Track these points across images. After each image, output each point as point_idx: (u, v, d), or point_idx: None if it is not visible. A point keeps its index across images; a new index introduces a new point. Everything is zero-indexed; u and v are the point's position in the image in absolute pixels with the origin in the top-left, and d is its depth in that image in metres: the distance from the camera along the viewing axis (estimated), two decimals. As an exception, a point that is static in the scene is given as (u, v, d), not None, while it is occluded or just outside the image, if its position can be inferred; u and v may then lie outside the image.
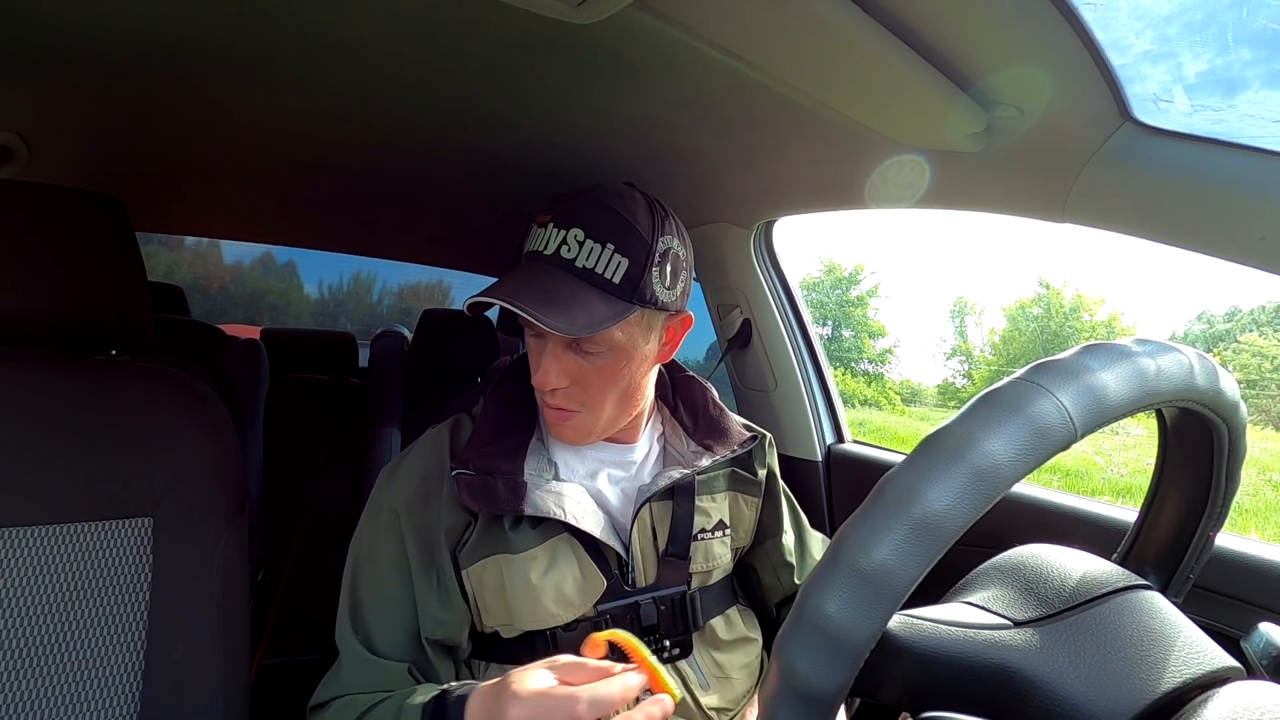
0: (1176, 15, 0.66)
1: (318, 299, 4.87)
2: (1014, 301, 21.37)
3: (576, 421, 0.73)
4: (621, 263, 0.67)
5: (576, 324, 0.64)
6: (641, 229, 0.69)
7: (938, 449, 0.32)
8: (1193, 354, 0.37)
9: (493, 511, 0.70)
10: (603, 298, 0.67)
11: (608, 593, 0.73)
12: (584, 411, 0.73)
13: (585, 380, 0.71)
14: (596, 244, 0.67)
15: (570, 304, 0.65)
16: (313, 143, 1.13)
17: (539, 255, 0.68)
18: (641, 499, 0.75)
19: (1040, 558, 0.44)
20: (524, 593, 0.70)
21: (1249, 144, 0.59)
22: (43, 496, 0.68)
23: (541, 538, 0.72)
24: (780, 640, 0.33)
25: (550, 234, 0.68)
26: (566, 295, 0.65)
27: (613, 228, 0.67)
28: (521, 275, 0.67)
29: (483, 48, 0.78)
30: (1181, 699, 0.35)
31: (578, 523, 0.70)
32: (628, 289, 0.68)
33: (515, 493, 0.70)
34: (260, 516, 1.66)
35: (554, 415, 0.73)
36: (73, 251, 0.72)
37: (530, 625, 0.71)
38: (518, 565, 0.70)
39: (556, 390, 0.70)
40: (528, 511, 0.69)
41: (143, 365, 0.78)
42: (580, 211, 0.68)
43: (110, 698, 0.68)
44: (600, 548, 0.73)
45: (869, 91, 0.70)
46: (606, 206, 0.68)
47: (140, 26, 0.78)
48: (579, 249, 0.67)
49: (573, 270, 0.67)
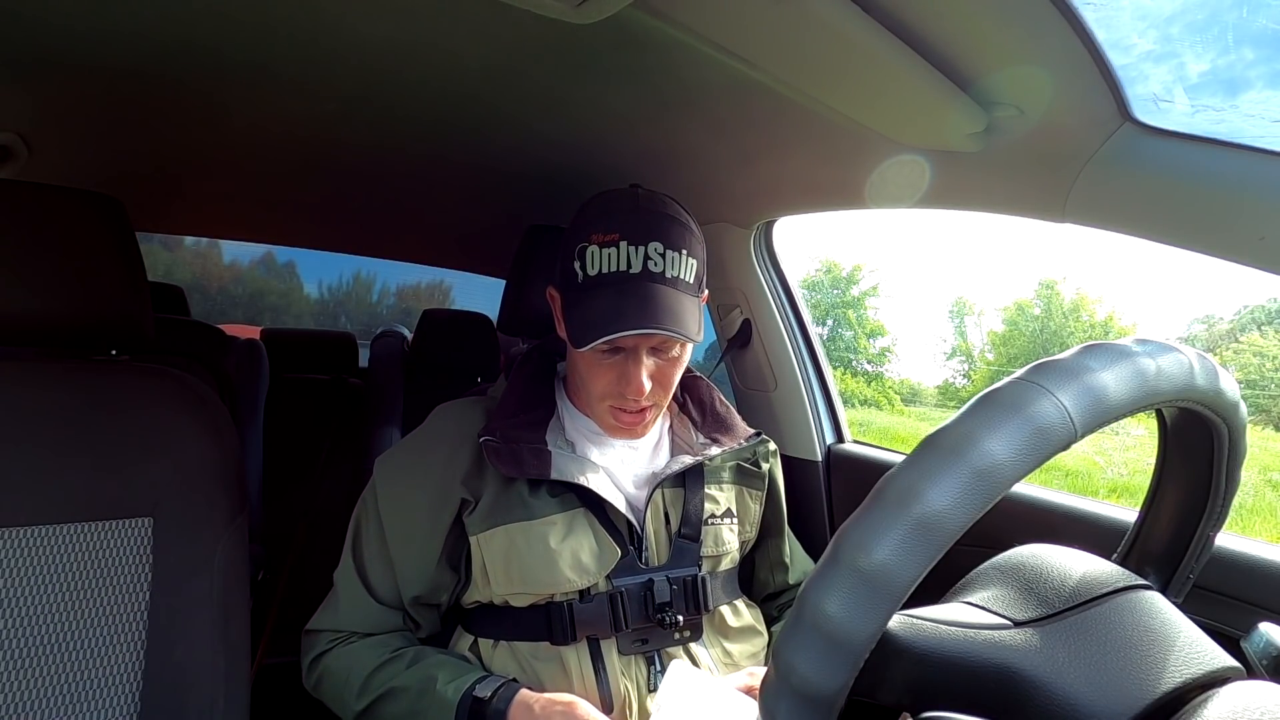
0: (1179, 15, 0.66)
1: (318, 299, 4.87)
2: (1013, 301, 21.40)
3: (649, 418, 0.78)
4: (693, 264, 0.74)
5: (693, 330, 0.71)
6: (694, 229, 0.75)
7: (938, 449, 0.32)
8: (1193, 354, 0.37)
9: (521, 475, 0.73)
10: (689, 299, 0.73)
11: (622, 567, 0.75)
12: (657, 406, 0.78)
13: (663, 378, 0.75)
14: (675, 253, 0.71)
15: (679, 312, 0.70)
16: (313, 143, 1.13)
17: (626, 275, 0.71)
18: (656, 482, 0.79)
19: (1040, 558, 0.44)
20: (541, 557, 0.72)
21: (1249, 144, 0.59)
22: (43, 496, 0.68)
23: (560, 507, 0.75)
24: (780, 640, 0.33)
25: (627, 252, 0.70)
26: (672, 305, 0.70)
27: (680, 235, 0.73)
28: (625, 297, 0.70)
29: (483, 48, 0.79)
30: (1181, 699, 0.35)
31: (599, 491, 0.74)
32: (698, 285, 0.75)
33: (542, 459, 0.74)
34: (260, 516, 1.65)
35: (631, 419, 0.77)
36: (73, 251, 0.72)
37: (545, 590, 0.73)
38: (536, 530, 0.73)
39: (642, 396, 0.74)
40: (553, 476, 0.73)
41: (143, 365, 0.78)
42: (650, 226, 0.72)
43: (110, 698, 0.68)
44: (615, 522, 0.76)
45: (869, 91, 0.70)
46: (668, 216, 0.73)
47: (141, 29, 0.78)
48: (663, 261, 0.71)
49: (664, 281, 0.71)
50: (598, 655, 0.73)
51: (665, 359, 0.74)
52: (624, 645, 0.74)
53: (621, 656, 0.73)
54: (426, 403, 0.97)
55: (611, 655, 0.73)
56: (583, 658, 0.72)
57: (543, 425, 0.79)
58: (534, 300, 1.02)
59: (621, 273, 0.70)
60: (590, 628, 0.73)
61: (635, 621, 0.74)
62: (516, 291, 1.04)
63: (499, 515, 0.73)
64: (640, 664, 0.74)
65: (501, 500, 0.74)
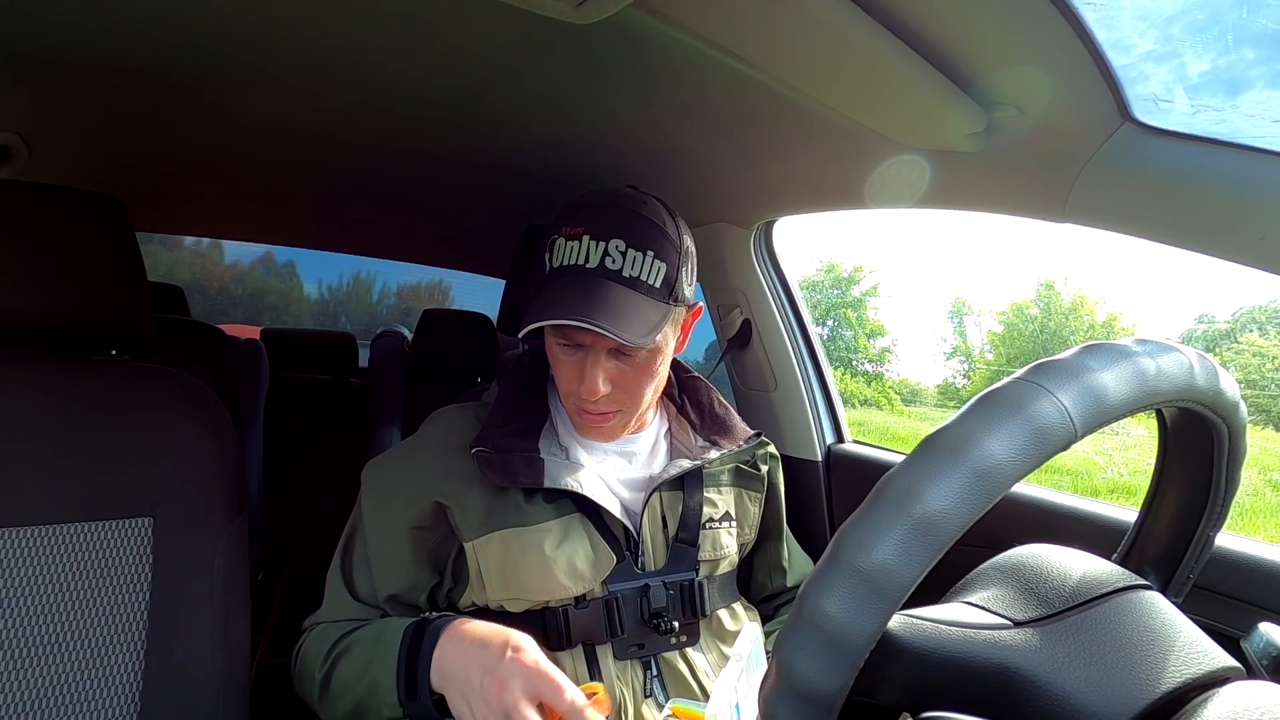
0: (1179, 15, 0.66)
1: (318, 299, 4.87)
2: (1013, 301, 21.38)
3: (614, 422, 0.76)
4: (661, 267, 0.71)
5: (638, 332, 0.68)
6: (670, 233, 0.73)
7: (938, 449, 0.32)
8: (1193, 354, 0.37)
9: (514, 485, 0.72)
10: (649, 303, 0.70)
11: (618, 573, 0.75)
12: (623, 411, 0.76)
13: (626, 383, 0.73)
14: (638, 252, 0.69)
15: (627, 313, 0.68)
16: (313, 143, 1.13)
17: (582, 269, 0.70)
18: (653, 486, 0.78)
19: (1040, 558, 0.44)
20: (537, 564, 0.72)
21: (1249, 144, 0.59)
22: (43, 496, 0.68)
23: (555, 513, 0.74)
24: (780, 640, 0.33)
25: (588, 246, 0.69)
26: (621, 305, 0.68)
27: (649, 235, 0.71)
28: (573, 289, 0.69)
29: (483, 48, 0.78)
30: (1181, 699, 0.35)
31: (594, 497, 0.73)
32: (666, 291, 0.72)
33: (534, 468, 0.73)
34: (260, 516, 1.66)
35: (592, 419, 0.76)
36: (73, 251, 0.72)
37: (540, 597, 0.73)
38: (531, 537, 0.72)
39: (600, 397, 0.72)
40: (547, 484, 0.72)
41: (143, 365, 0.78)
42: (616, 222, 0.70)
43: (110, 698, 0.68)
44: (611, 528, 0.76)
45: (869, 91, 0.70)
46: (639, 215, 0.71)
47: (141, 29, 0.78)
48: (622, 259, 0.69)
49: (620, 280, 0.69)
50: (593, 660, 0.73)
51: (629, 364, 0.72)
52: (620, 650, 0.73)
53: (617, 661, 0.73)
54: (426, 403, 0.98)
55: (607, 660, 0.73)
56: (578, 663, 0.72)
57: (535, 431, 0.78)
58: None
59: (578, 266, 0.70)
60: (586, 634, 0.73)
61: (631, 627, 0.74)
62: (516, 291, 1.04)
63: (494, 521, 0.73)
64: (636, 669, 0.74)
65: (496, 506, 0.73)
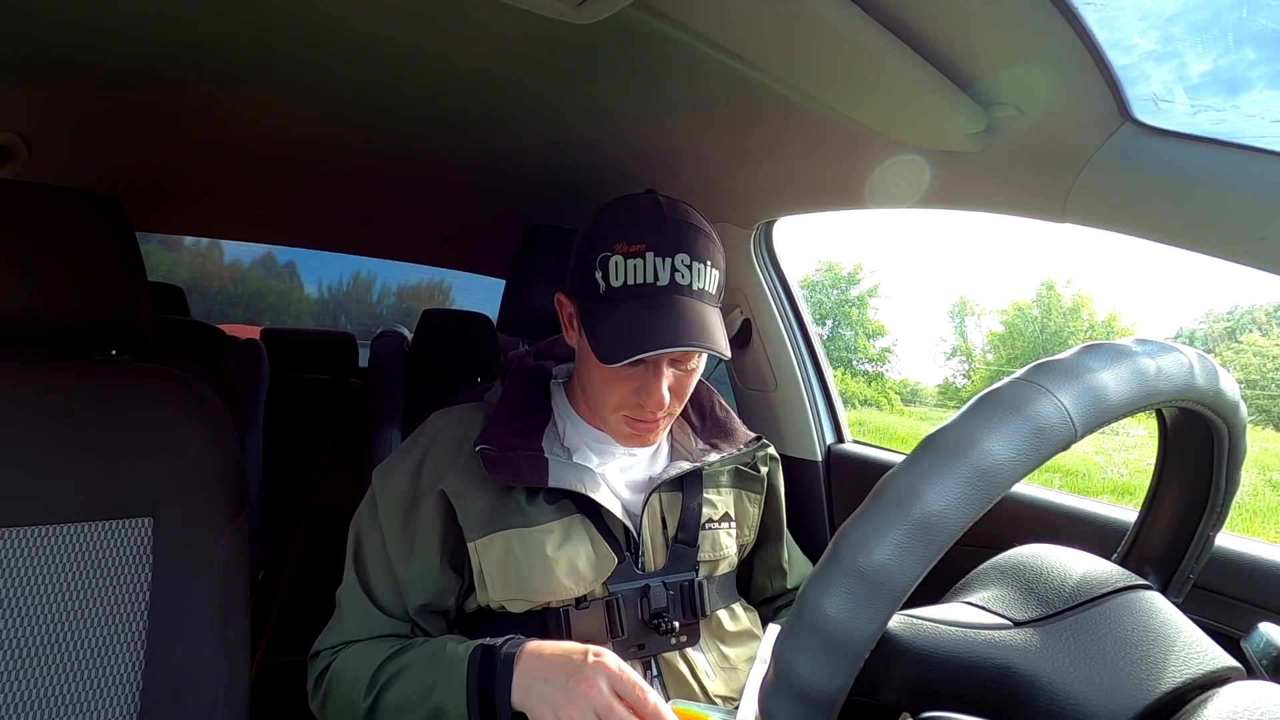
0: (1179, 15, 0.66)
1: (318, 299, 4.87)
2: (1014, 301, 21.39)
3: (663, 427, 0.77)
4: (716, 276, 0.72)
5: (722, 344, 0.69)
6: (715, 240, 0.73)
7: (938, 449, 0.32)
8: (1193, 354, 0.37)
9: (518, 484, 0.73)
10: (714, 312, 0.72)
11: (619, 573, 0.75)
12: (671, 416, 0.77)
13: (680, 390, 0.75)
14: (700, 265, 0.70)
15: (709, 326, 0.69)
16: (313, 143, 1.13)
17: (654, 288, 0.69)
18: (652, 487, 0.78)
19: (1040, 558, 0.44)
20: (539, 564, 0.72)
21: (1249, 144, 0.59)
22: (43, 496, 0.68)
23: (557, 514, 0.74)
24: (780, 640, 0.33)
25: (654, 264, 0.69)
26: (702, 319, 0.69)
27: (705, 246, 0.71)
28: (658, 312, 0.68)
29: (483, 48, 0.78)
30: (1181, 699, 0.35)
31: (597, 498, 0.73)
32: (719, 297, 0.73)
33: (539, 467, 0.73)
34: (260, 516, 1.66)
35: (646, 427, 0.75)
36: (73, 251, 0.72)
37: (541, 598, 0.73)
38: (533, 538, 0.73)
39: (662, 409, 0.73)
40: (551, 484, 0.72)
41: (143, 365, 0.78)
42: (674, 235, 0.70)
43: (110, 698, 0.68)
44: (611, 529, 0.76)
45: (869, 91, 0.70)
46: (692, 226, 0.72)
47: (142, 29, 0.78)
48: (689, 273, 0.69)
49: (691, 294, 0.70)
50: None
51: (684, 370, 0.74)
52: (620, 651, 0.73)
53: None
54: (426, 403, 0.97)
55: None
56: None
57: (539, 432, 0.78)
58: (534, 300, 1.02)
59: (649, 285, 0.69)
60: (587, 634, 0.73)
61: (632, 627, 0.74)
62: (516, 291, 1.04)
63: (497, 521, 0.73)
64: (637, 669, 0.74)
65: (499, 506, 0.73)
